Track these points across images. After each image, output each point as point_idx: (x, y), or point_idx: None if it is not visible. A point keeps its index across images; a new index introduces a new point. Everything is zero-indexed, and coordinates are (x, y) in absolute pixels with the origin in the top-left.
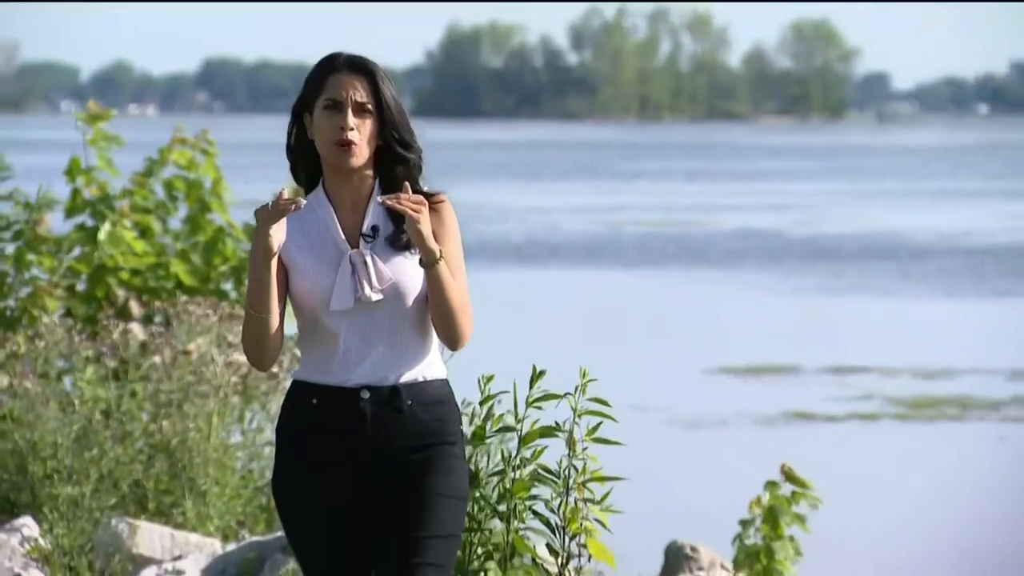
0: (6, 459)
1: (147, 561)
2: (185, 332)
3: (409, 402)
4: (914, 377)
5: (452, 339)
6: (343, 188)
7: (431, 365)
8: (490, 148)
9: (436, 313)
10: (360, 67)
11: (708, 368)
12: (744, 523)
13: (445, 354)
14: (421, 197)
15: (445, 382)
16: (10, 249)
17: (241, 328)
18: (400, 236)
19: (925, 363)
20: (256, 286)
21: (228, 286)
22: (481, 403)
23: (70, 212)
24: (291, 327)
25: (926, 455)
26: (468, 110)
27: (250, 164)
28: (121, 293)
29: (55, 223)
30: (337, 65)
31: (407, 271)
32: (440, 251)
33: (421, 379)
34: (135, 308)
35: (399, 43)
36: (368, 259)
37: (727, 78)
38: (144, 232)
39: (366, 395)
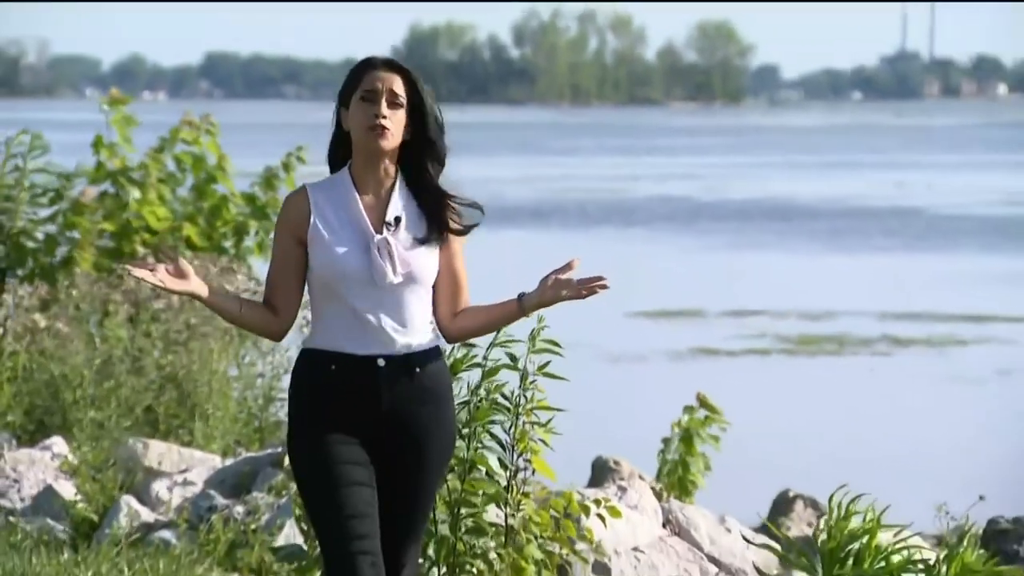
0: (40, 388)
1: (159, 474)
2: None
3: (417, 369)
4: (800, 319)
5: (463, 339)
6: (369, 175)
7: (430, 336)
8: (447, 129)
9: (480, 330)
10: (396, 67)
11: (630, 312)
12: (665, 441)
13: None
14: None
15: (440, 350)
16: (44, 213)
17: (235, 279)
18: (420, 228)
19: (810, 307)
20: (219, 314)
21: (228, 244)
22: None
23: (94, 180)
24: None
25: (810, 383)
26: None
27: (246, 142)
28: (141, 249)
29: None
30: (375, 63)
31: (422, 259)
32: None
33: (425, 348)
34: (152, 260)
35: (370, 40)
36: (392, 246)
37: (644, 69)
38: (160, 199)
39: (382, 363)
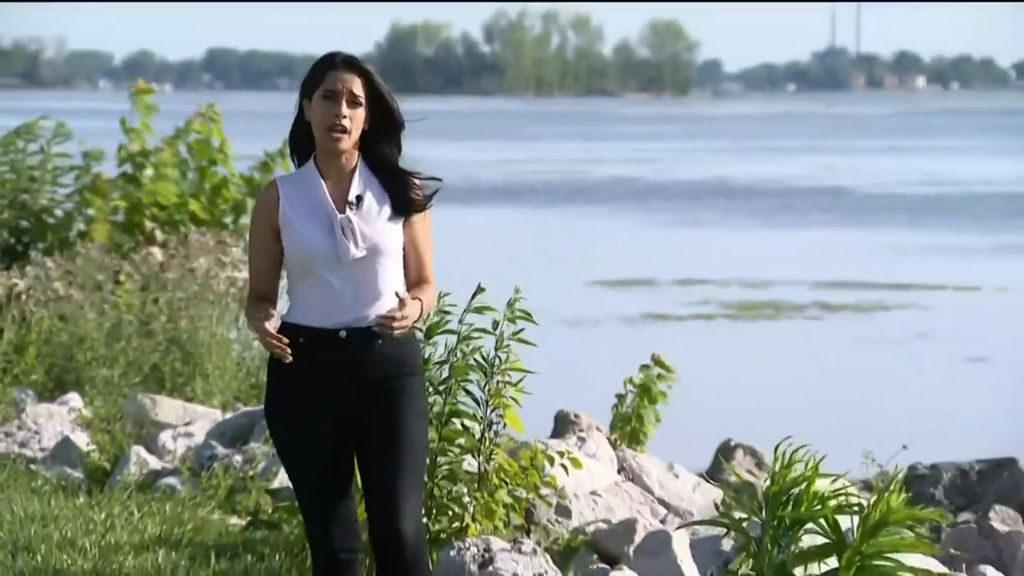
0: (58, 350)
1: (165, 426)
2: (193, 254)
3: (380, 341)
4: (741, 287)
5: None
6: (331, 163)
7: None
8: (411, 118)
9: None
10: (355, 66)
11: (589, 281)
12: (620, 396)
13: None
14: (402, 315)
15: None
16: (64, 192)
17: (231, 251)
18: (383, 204)
19: (750, 277)
20: (253, 329)
21: (228, 220)
22: (436, 312)
23: (120, 162)
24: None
25: (750, 345)
26: (407, 88)
27: (244, 129)
28: (149, 224)
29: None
30: (336, 62)
31: (385, 234)
32: (421, 304)
33: None
34: (159, 235)
35: (355, 37)
36: (354, 223)
37: (601, 64)
38: (163, 179)
39: (343, 335)
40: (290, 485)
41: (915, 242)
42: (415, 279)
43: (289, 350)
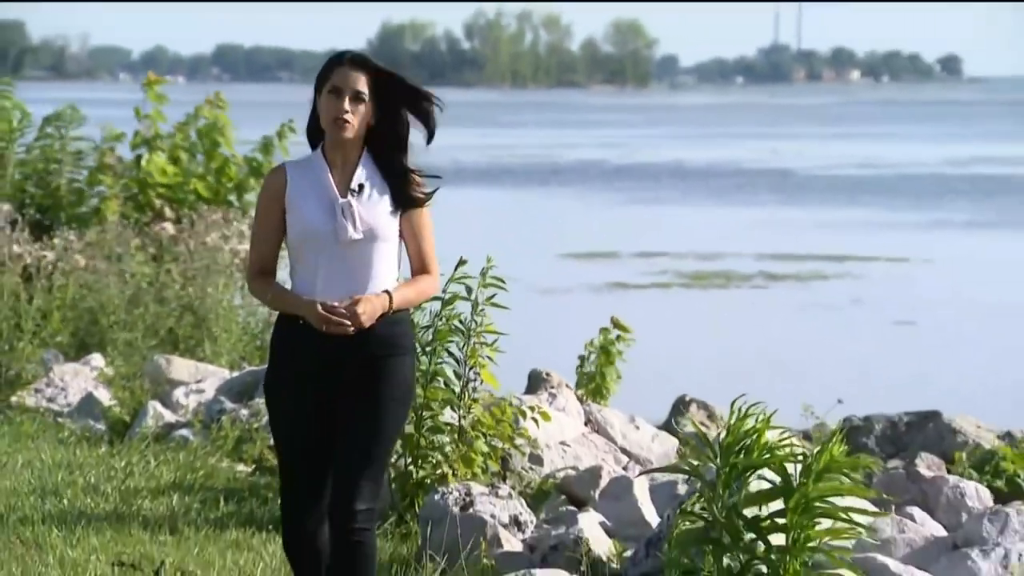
0: (82, 314)
1: (178, 384)
2: (202, 229)
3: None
4: (695, 259)
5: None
6: (337, 153)
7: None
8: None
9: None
10: (361, 63)
11: (559, 253)
12: (582, 357)
13: None
14: (346, 314)
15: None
16: (83, 173)
17: (232, 226)
18: (384, 194)
19: (703, 249)
20: (281, 308)
21: (232, 198)
22: None
23: (134, 146)
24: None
25: (702, 310)
26: None
27: (249, 116)
28: (158, 201)
29: (121, 152)
30: (344, 61)
31: (382, 219)
32: (389, 298)
33: None
34: (167, 211)
35: (348, 34)
36: (354, 207)
37: (570, 59)
38: (176, 161)
39: None
40: None
41: (851, 218)
42: (417, 268)
43: (343, 318)
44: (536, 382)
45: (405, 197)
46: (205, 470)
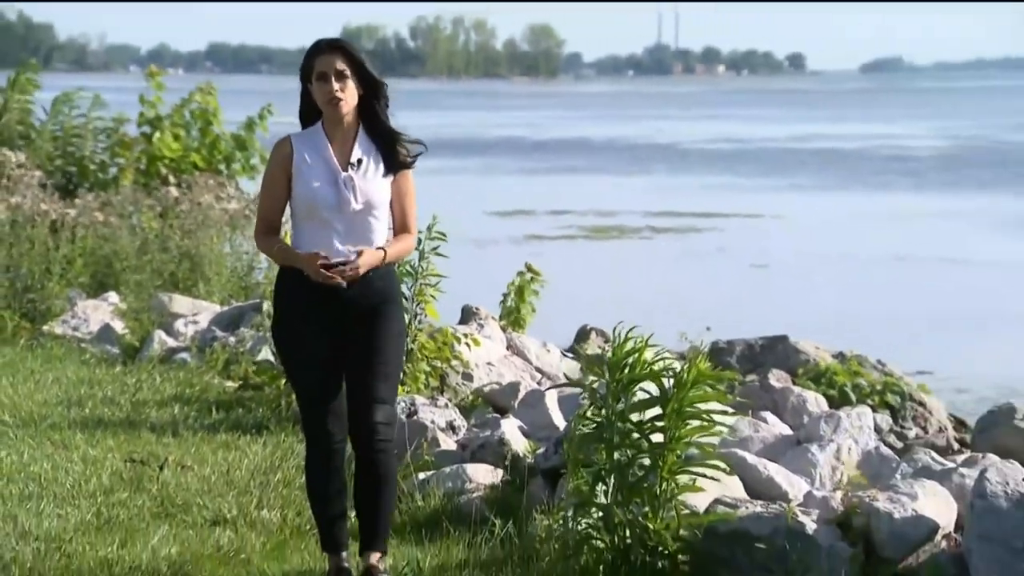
0: (100, 260)
1: (179, 316)
2: (199, 192)
3: (370, 274)
4: (595, 216)
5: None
6: (336, 129)
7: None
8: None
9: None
10: (337, 46)
11: (487, 211)
12: (505, 295)
13: None
14: (352, 266)
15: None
16: (101, 147)
17: (225, 190)
18: (377, 166)
19: (602, 208)
20: (284, 261)
21: (222, 167)
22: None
23: (140, 125)
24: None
25: (601, 257)
26: None
27: (235, 102)
28: (164, 170)
29: (128, 131)
30: (321, 47)
31: (379, 191)
32: (384, 253)
33: None
34: (171, 178)
35: (317, 34)
36: (355, 180)
37: (495, 55)
38: (176, 137)
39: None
40: (270, 359)
41: (718, 183)
42: (400, 227)
43: (339, 278)
44: (468, 315)
45: (396, 160)
46: (200, 385)
